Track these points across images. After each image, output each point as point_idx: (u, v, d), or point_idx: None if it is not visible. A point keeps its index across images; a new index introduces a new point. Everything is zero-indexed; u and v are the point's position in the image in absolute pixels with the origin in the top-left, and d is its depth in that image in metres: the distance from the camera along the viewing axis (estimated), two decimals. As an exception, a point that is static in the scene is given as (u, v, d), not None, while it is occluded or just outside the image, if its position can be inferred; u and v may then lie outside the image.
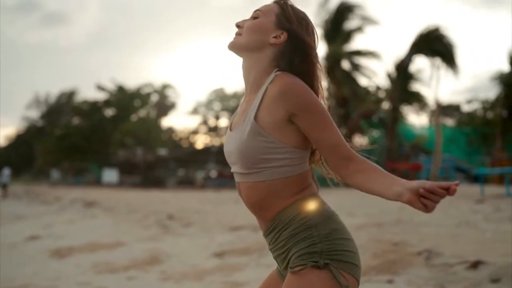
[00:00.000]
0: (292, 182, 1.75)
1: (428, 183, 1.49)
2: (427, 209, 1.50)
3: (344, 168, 1.71)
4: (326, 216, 1.75)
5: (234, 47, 1.86)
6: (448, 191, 1.48)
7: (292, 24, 1.81)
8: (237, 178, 1.84)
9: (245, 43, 1.82)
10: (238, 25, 1.87)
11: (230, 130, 1.87)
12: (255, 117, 1.72)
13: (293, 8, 1.85)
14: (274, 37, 1.80)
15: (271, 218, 1.78)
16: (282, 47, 1.80)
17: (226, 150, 1.86)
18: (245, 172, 1.77)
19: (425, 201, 1.49)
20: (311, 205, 1.74)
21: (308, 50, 1.80)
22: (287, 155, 1.72)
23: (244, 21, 1.88)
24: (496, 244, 5.95)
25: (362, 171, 1.69)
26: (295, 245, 1.72)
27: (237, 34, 1.86)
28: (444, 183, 1.47)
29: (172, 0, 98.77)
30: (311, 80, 1.78)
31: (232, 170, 1.85)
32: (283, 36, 1.80)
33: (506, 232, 6.87)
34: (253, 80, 1.82)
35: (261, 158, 1.72)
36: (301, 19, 1.84)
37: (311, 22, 1.87)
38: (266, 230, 1.81)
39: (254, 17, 1.86)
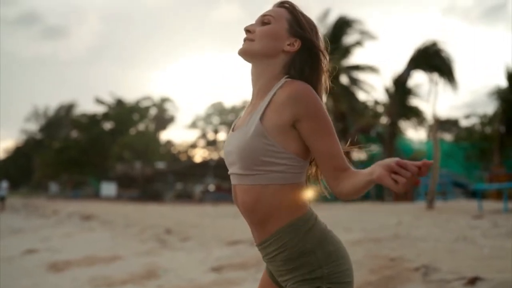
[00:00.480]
0: (288, 190, 1.73)
1: (396, 159, 1.47)
2: (398, 185, 1.44)
3: (335, 178, 1.71)
4: (323, 239, 1.73)
5: (246, 53, 1.83)
6: (420, 168, 1.45)
7: (306, 32, 1.83)
8: (233, 181, 1.81)
9: (259, 49, 1.81)
10: (248, 30, 1.84)
11: (233, 131, 1.87)
12: (261, 119, 1.73)
13: (303, 14, 1.87)
14: (288, 45, 1.81)
15: (266, 233, 1.76)
16: (295, 54, 1.82)
17: (226, 150, 1.85)
18: (243, 173, 1.75)
19: (396, 176, 1.45)
20: (307, 227, 1.72)
21: (320, 58, 1.84)
22: (286, 161, 1.72)
23: (254, 26, 1.85)
24: (494, 260, 5.95)
25: (349, 176, 1.68)
26: (293, 270, 1.72)
27: (248, 39, 1.83)
28: (417, 162, 1.46)
29: (172, 14, 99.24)
30: (319, 89, 1.82)
31: (230, 172, 1.83)
32: (297, 44, 1.82)
33: (504, 248, 6.86)
34: (261, 85, 1.82)
35: (261, 160, 1.71)
36: (312, 25, 1.87)
37: (319, 29, 1.90)
38: (260, 244, 1.80)
39: (265, 22, 1.83)
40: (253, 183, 1.74)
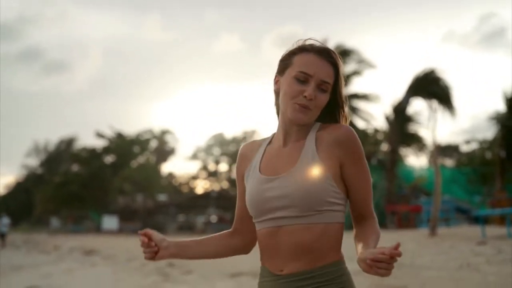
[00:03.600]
0: (341, 229, 1.79)
1: (369, 253, 1.52)
2: (382, 275, 1.53)
3: (356, 222, 1.82)
4: (351, 282, 1.80)
5: (302, 123, 1.79)
6: (391, 255, 1.49)
7: (341, 89, 1.86)
8: (284, 222, 1.75)
9: (311, 119, 1.80)
10: (310, 98, 1.75)
11: (264, 174, 1.80)
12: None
13: (343, 70, 1.87)
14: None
15: (308, 265, 1.75)
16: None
17: (269, 195, 1.76)
18: (300, 215, 1.74)
19: (377, 269, 1.51)
20: (345, 269, 1.79)
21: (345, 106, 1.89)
22: (342, 201, 1.77)
23: (315, 92, 1.76)
24: (499, 287, 5.90)
25: (362, 229, 1.78)
26: None
27: (308, 109, 1.76)
28: (384, 249, 1.50)
29: (173, 47, 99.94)
30: None
31: (270, 217, 1.77)
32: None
33: (509, 275, 6.82)
34: (295, 131, 1.82)
35: (327, 200, 1.73)
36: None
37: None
38: (297, 275, 1.75)
39: (323, 89, 1.78)
40: (315, 222, 1.74)
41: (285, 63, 1.83)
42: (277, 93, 1.87)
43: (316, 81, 1.77)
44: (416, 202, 29.69)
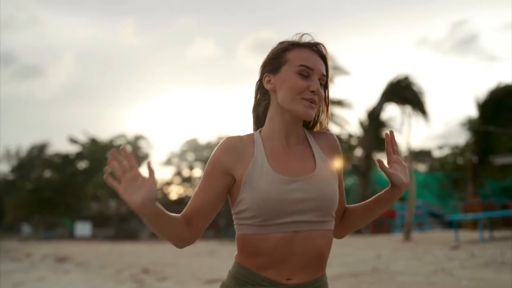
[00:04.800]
0: None
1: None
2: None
3: (339, 219, 1.90)
4: None
5: (312, 118, 1.79)
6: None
7: (330, 83, 1.89)
8: (302, 227, 1.70)
9: (315, 114, 1.84)
10: (318, 92, 1.76)
11: (281, 175, 1.72)
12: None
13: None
14: None
15: (320, 272, 1.76)
16: None
17: (292, 197, 1.69)
18: (322, 220, 1.73)
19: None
20: None
21: None
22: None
23: (319, 86, 1.77)
24: (473, 291, 5.95)
25: (355, 209, 1.91)
26: None
27: (315, 103, 1.76)
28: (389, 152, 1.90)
29: (147, 52, 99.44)
30: None
31: (289, 220, 1.69)
32: None
33: (482, 279, 6.88)
34: (296, 131, 1.81)
35: (336, 207, 1.78)
36: None
37: None
38: (306, 283, 1.72)
39: (322, 84, 1.79)
40: (330, 229, 1.76)
41: (278, 61, 1.79)
42: (266, 93, 1.83)
43: (317, 75, 1.77)
44: (390, 207, 29.91)
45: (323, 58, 1.81)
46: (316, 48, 1.81)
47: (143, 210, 1.63)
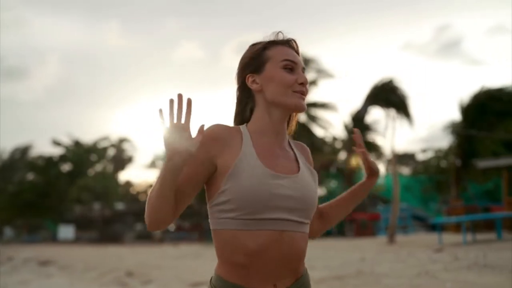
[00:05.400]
0: None
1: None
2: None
3: (318, 217, 1.93)
4: None
5: (304, 109, 1.79)
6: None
7: None
8: (287, 226, 1.67)
9: None
10: (305, 85, 1.77)
11: (271, 170, 1.69)
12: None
13: None
14: None
15: (300, 273, 1.74)
16: None
17: (278, 193, 1.66)
18: (302, 221, 1.70)
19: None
20: None
21: None
22: None
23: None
24: (457, 294, 5.99)
25: (330, 206, 1.98)
26: None
27: (305, 94, 1.77)
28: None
29: (131, 54, 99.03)
30: None
31: (281, 217, 1.65)
32: None
33: (465, 282, 6.93)
34: (281, 130, 1.80)
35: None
36: None
37: None
38: (295, 282, 1.71)
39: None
40: (307, 232, 1.75)
41: (259, 60, 1.77)
42: (250, 95, 1.79)
43: (300, 68, 1.78)
44: (374, 210, 30.04)
45: (297, 53, 1.82)
46: (291, 44, 1.82)
47: (178, 157, 1.55)
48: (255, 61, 1.78)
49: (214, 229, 1.69)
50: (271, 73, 1.75)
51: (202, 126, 1.60)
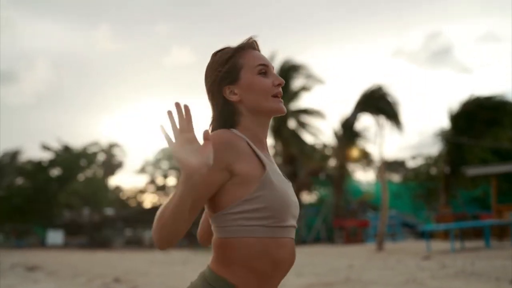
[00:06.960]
0: None
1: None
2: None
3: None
4: None
5: (285, 112, 1.76)
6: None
7: None
8: (293, 233, 1.68)
9: None
10: (281, 85, 1.74)
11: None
12: None
13: None
14: None
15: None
16: None
17: (293, 200, 1.67)
18: (295, 228, 1.70)
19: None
20: None
21: None
22: None
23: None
24: (443, 301, 6.00)
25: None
26: None
27: (281, 96, 1.74)
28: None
29: (122, 59, 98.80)
30: None
31: (289, 224, 1.65)
32: None
33: (452, 289, 6.95)
34: (266, 136, 1.77)
35: None
36: None
37: None
38: None
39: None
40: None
41: (232, 70, 1.71)
42: (230, 108, 1.72)
43: (272, 68, 1.75)
44: (363, 217, 30.09)
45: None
46: (255, 46, 1.78)
47: (195, 174, 1.44)
48: (228, 72, 1.72)
49: (233, 237, 1.60)
50: (248, 81, 1.70)
51: (207, 132, 1.47)
